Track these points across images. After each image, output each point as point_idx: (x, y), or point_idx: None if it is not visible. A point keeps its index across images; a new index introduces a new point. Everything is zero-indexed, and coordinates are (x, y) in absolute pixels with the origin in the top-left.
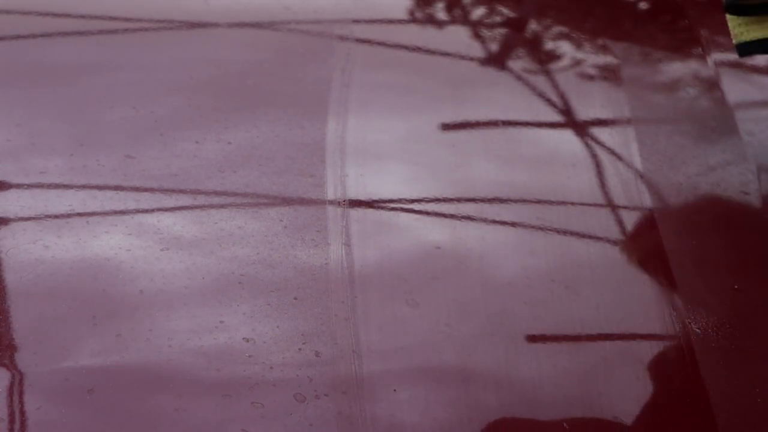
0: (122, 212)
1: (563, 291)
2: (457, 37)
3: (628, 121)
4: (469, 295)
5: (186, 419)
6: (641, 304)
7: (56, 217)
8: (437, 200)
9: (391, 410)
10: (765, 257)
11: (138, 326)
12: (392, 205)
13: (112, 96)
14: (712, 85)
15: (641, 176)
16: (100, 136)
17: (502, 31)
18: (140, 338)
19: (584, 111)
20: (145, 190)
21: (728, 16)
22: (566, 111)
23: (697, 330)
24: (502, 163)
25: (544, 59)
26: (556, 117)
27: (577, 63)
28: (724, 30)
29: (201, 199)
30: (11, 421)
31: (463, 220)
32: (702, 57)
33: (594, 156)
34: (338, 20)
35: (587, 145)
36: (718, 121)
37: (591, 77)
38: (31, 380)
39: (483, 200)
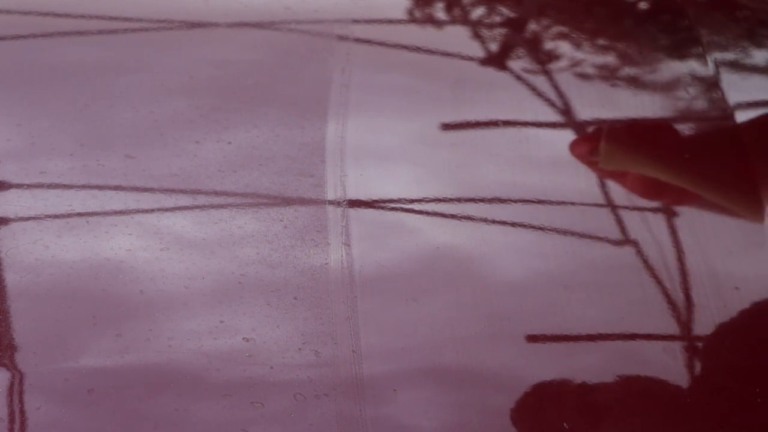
0: (122, 212)
1: (563, 291)
2: (457, 37)
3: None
4: (469, 296)
5: (186, 419)
6: (642, 303)
7: (56, 217)
8: (438, 200)
9: (392, 410)
10: (765, 257)
11: (138, 326)
12: (393, 205)
13: (111, 96)
14: (712, 85)
15: None
16: (100, 136)
17: (502, 31)
18: (140, 338)
19: (584, 111)
20: (145, 190)
21: None
22: (566, 111)
23: (697, 330)
24: (503, 164)
25: (544, 59)
26: (556, 117)
27: (577, 63)
28: (724, 30)
29: (201, 199)
30: (11, 421)
31: (463, 220)
32: (702, 57)
33: None
34: (338, 20)
35: None
36: (718, 121)
37: (591, 77)
38: (31, 380)
39: (483, 200)
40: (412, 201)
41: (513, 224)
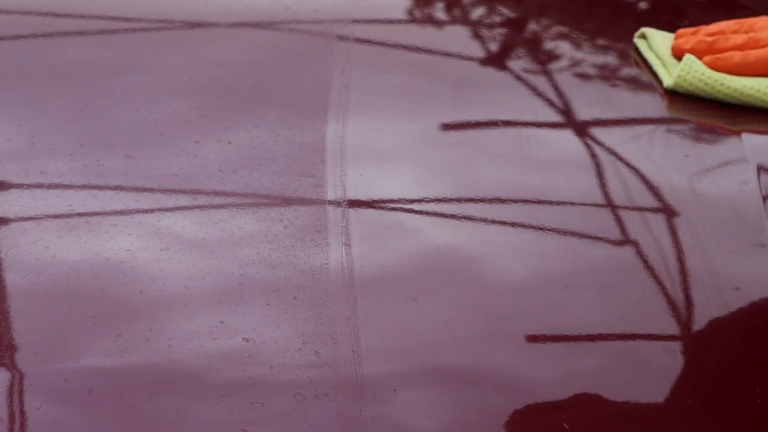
0: (122, 212)
1: (563, 291)
2: (457, 37)
3: (628, 121)
4: (469, 296)
5: (186, 419)
6: (642, 304)
7: (56, 217)
8: (438, 200)
9: (391, 410)
10: (765, 257)
11: (138, 326)
12: (392, 205)
13: (112, 96)
14: None
15: (641, 176)
16: (100, 136)
17: (502, 31)
18: (140, 338)
19: (584, 111)
20: (145, 190)
21: None
22: (566, 111)
23: (697, 330)
24: (503, 164)
25: (544, 59)
26: (556, 117)
27: (577, 63)
28: None
29: (201, 199)
30: (11, 421)
31: (463, 220)
32: None
33: (594, 156)
34: (338, 20)
35: (587, 145)
36: (718, 122)
37: (591, 77)
38: (31, 380)
39: (483, 201)
40: (412, 201)
41: (513, 224)
